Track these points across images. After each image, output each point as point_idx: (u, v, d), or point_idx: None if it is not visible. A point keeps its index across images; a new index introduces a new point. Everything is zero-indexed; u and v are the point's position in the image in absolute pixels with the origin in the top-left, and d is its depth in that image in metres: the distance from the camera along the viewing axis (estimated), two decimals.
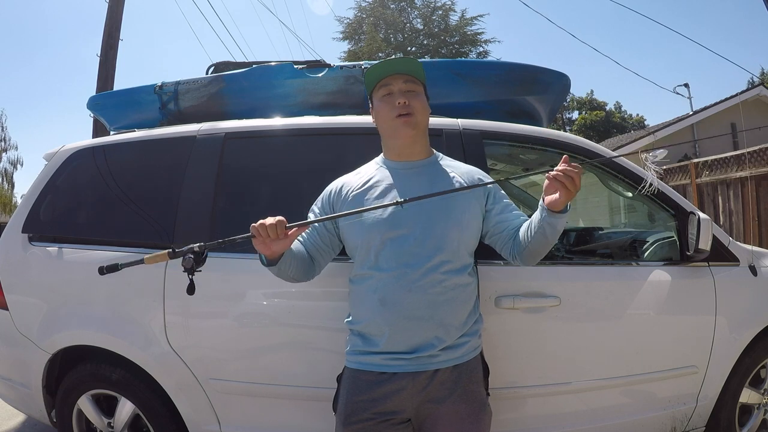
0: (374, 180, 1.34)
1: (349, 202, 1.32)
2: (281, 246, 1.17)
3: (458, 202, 1.28)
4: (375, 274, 1.24)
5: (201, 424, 1.77)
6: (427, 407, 1.20)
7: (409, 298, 1.20)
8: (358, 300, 1.30)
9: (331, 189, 1.40)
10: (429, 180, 1.32)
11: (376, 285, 1.24)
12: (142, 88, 2.36)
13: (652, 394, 1.86)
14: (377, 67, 1.35)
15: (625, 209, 7.80)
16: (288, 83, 2.23)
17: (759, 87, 11.34)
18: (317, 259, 1.37)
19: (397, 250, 1.23)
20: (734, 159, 6.98)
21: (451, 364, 1.21)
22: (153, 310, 1.75)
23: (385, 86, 1.35)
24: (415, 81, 1.36)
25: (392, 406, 1.19)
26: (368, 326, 1.25)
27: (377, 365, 1.22)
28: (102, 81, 6.25)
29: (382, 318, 1.22)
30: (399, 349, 1.21)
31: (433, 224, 1.24)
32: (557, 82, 2.35)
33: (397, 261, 1.22)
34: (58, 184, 2.04)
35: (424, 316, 1.20)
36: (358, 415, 1.19)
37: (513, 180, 3.74)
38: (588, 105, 28.79)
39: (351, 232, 1.31)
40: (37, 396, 1.94)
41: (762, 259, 2.06)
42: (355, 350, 1.28)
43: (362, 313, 1.27)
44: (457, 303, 1.24)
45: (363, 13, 19.59)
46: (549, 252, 1.32)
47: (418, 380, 1.19)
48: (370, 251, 1.25)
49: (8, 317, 1.93)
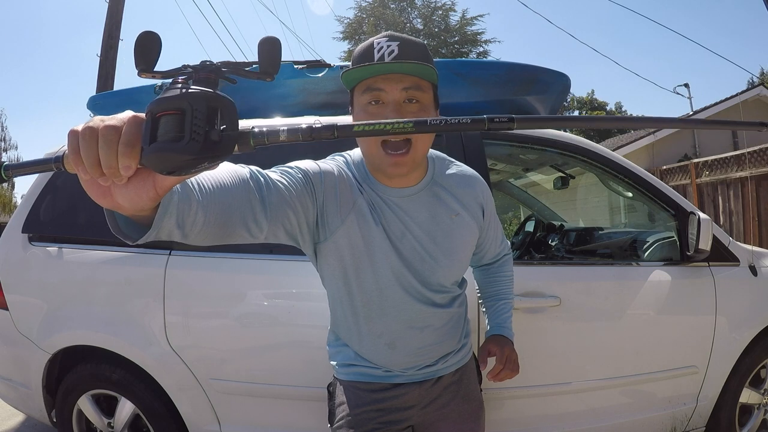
0: (369, 200, 1.01)
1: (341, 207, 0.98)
2: (135, 198, 0.51)
3: (459, 238, 1.08)
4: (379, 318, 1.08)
5: (201, 424, 1.77)
6: (435, 413, 1.17)
7: (421, 336, 1.09)
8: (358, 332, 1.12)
9: (333, 172, 0.99)
10: (428, 213, 1.04)
11: (382, 330, 1.08)
12: (142, 88, 2.35)
13: (652, 394, 1.86)
14: (363, 69, 0.91)
15: (625, 209, 7.80)
16: (288, 83, 2.23)
17: (759, 87, 11.33)
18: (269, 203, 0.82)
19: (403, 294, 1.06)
20: (734, 159, 6.98)
21: (454, 368, 1.20)
22: (153, 310, 1.75)
23: (373, 90, 0.92)
24: (422, 85, 0.93)
25: (398, 415, 1.13)
26: (374, 359, 1.11)
27: (379, 377, 1.11)
28: (102, 81, 6.25)
29: (391, 358, 1.10)
30: (402, 370, 1.13)
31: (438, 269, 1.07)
32: (557, 82, 2.34)
33: (403, 307, 1.06)
34: (58, 184, 2.04)
35: (433, 346, 1.13)
36: (365, 426, 1.09)
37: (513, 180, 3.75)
38: (588, 105, 28.78)
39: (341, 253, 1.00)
40: (37, 396, 1.94)
41: (762, 259, 2.06)
42: (348, 363, 1.13)
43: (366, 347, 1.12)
44: (458, 323, 1.19)
45: (363, 13, 19.60)
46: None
47: (423, 387, 1.15)
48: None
49: (8, 317, 1.93)
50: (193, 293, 1.77)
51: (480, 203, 1.12)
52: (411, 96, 0.92)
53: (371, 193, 1.01)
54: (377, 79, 0.91)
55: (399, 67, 0.89)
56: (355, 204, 0.99)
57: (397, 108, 0.91)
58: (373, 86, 0.92)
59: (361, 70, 0.91)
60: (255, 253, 1.75)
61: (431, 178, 1.06)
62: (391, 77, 0.91)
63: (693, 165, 7.72)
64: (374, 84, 0.91)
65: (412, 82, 0.92)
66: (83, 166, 0.48)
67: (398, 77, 0.91)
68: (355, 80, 0.94)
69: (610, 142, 13.78)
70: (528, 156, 2.75)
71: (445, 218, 1.05)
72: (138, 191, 0.51)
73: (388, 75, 0.91)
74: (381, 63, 0.89)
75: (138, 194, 0.51)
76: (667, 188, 1.98)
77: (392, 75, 0.90)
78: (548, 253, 2.72)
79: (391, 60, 0.89)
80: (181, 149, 0.45)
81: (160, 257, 1.79)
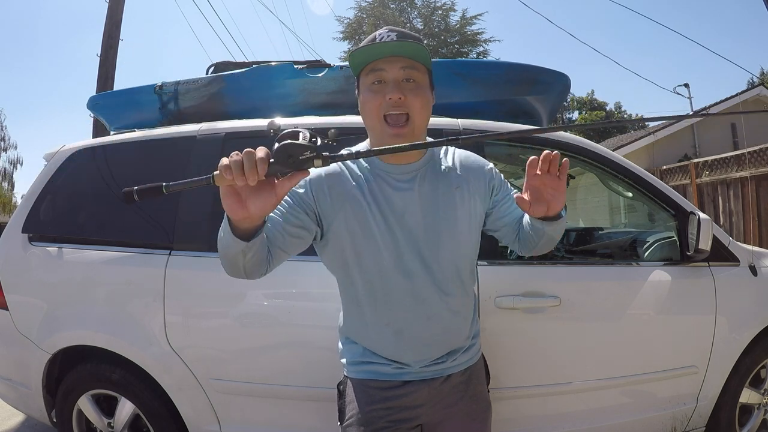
0: (370, 189, 1.09)
1: (333, 201, 1.08)
2: (263, 205, 0.80)
3: (463, 213, 1.12)
4: (385, 307, 1.11)
5: (201, 424, 1.77)
6: (442, 412, 1.17)
7: (428, 325, 1.11)
8: (365, 325, 1.15)
9: (320, 174, 1.11)
10: (429, 187, 1.11)
11: (389, 319, 1.11)
12: (142, 88, 2.36)
13: (652, 394, 1.86)
14: (367, 48, 1.04)
15: (625, 209, 7.80)
16: (288, 83, 2.23)
17: (759, 87, 11.34)
18: (277, 249, 1.02)
19: (408, 283, 1.09)
20: (734, 159, 6.98)
21: (462, 367, 1.20)
22: (153, 310, 1.75)
23: (376, 71, 1.05)
24: (417, 66, 1.05)
25: (407, 413, 1.14)
26: (381, 350, 1.13)
27: (389, 375, 1.13)
28: (102, 81, 6.24)
29: (398, 348, 1.12)
30: (410, 362, 1.14)
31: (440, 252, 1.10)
32: (557, 82, 2.35)
33: (412, 294, 1.09)
34: (58, 184, 2.04)
35: (440, 339, 1.14)
36: (375, 424, 1.10)
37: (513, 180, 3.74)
38: (588, 105, 28.80)
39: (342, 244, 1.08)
40: (37, 396, 1.94)
41: (762, 259, 2.06)
42: (359, 360, 1.15)
43: (373, 338, 1.15)
44: (467, 319, 1.19)
45: (363, 13, 19.59)
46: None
47: (432, 386, 1.15)
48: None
49: (8, 317, 1.93)
50: (193, 293, 1.77)
51: (486, 181, 1.17)
52: (408, 75, 1.05)
53: (372, 174, 1.10)
54: (378, 61, 1.05)
55: (398, 45, 1.03)
56: (348, 193, 1.08)
57: (396, 85, 1.04)
58: (376, 67, 1.05)
59: (365, 50, 1.05)
60: None
61: (431, 157, 1.15)
62: (390, 59, 1.04)
63: (693, 165, 7.73)
64: (376, 66, 1.05)
65: (408, 63, 1.04)
66: (231, 173, 0.75)
67: (397, 59, 1.04)
68: (360, 64, 1.07)
69: (610, 142, 13.78)
70: (528, 156, 2.75)
71: (447, 191, 1.12)
72: (265, 199, 0.81)
73: (388, 57, 1.04)
74: (382, 43, 1.03)
75: (265, 201, 0.81)
76: (667, 188, 1.98)
77: (392, 57, 1.04)
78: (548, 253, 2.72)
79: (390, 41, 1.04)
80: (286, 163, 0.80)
81: (160, 257, 1.79)
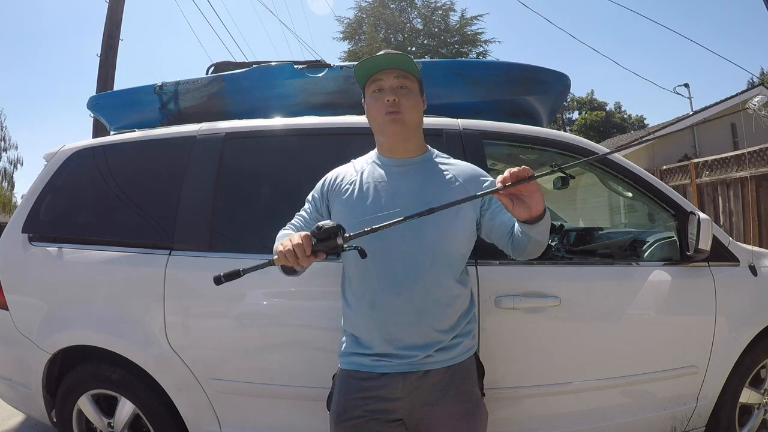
0: (366, 176, 1.32)
1: (342, 197, 1.31)
2: (306, 265, 1.10)
3: (454, 198, 1.18)
4: (365, 277, 1.24)
5: (201, 424, 1.77)
6: (421, 410, 1.20)
7: (398, 302, 1.20)
8: (348, 303, 1.31)
9: (327, 179, 1.39)
10: (422, 178, 1.29)
11: (365, 289, 1.24)
12: (142, 88, 2.36)
13: (652, 394, 1.86)
14: (367, 62, 1.32)
15: (625, 209, 7.79)
16: (288, 83, 2.23)
17: (759, 87, 11.35)
18: None
19: (386, 255, 1.21)
20: (734, 159, 6.98)
21: (443, 365, 1.21)
22: (153, 310, 1.75)
23: (376, 81, 1.32)
24: (408, 76, 1.32)
25: (383, 405, 1.20)
26: (359, 329, 1.26)
27: (368, 366, 1.23)
28: (102, 81, 6.25)
29: (373, 321, 1.23)
30: (389, 351, 1.22)
31: (424, 233, 1.21)
32: (557, 82, 2.35)
33: (386, 266, 1.21)
34: (58, 184, 2.04)
35: (413, 321, 1.20)
36: (350, 412, 1.20)
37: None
38: (588, 105, 28.81)
39: (338, 217, 1.28)
40: (37, 396, 1.94)
41: (762, 259, 2.06)
42: (347, 351, 1.29)
43: (353, 316, 1.28)
44: (446, 309, 1.23)
45: (363, 13, 19.60)
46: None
47: (408, 380, 1.20)
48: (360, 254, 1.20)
49: (8, 317, 1.93)
50: (193, 293, 1.77)
51: (480, 187, 1.28)
52: (401, 83, 1.31)
53: (373, 165, 1.35)
54: (377, 74, 1.32)
55: (392, 58, 1.32)
56: (351, 183, 1.33)
57: (392, 90, 1.30)
58: (376, 78, 1.33)
59: (364, 63, 1.33)
60: (255, 252, 1.74)
61: (430, 158, 1.36)
62: (387, 71, 1.31)
63: (693, 165, 7.72)
64: (376, 77, 1.33)
65: (401, 73, 1.32)
66: (287, 260, 1.07)
67: (391, 71, 1.32)
68: (363, 76, 1.35)
69: (610, 142, 13.78)
70: (528, 156, 2.74)
71: (441, 184, 1.29)
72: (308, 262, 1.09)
73: (385, 70, 1.31)
74: (378, 55, 1.32)
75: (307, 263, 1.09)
76: (667, 188, 1.98)
77: (388, 70, 1.31)
78: (548, 253, 2.74)
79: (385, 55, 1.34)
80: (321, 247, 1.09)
81: (160, 257, 1.79)
